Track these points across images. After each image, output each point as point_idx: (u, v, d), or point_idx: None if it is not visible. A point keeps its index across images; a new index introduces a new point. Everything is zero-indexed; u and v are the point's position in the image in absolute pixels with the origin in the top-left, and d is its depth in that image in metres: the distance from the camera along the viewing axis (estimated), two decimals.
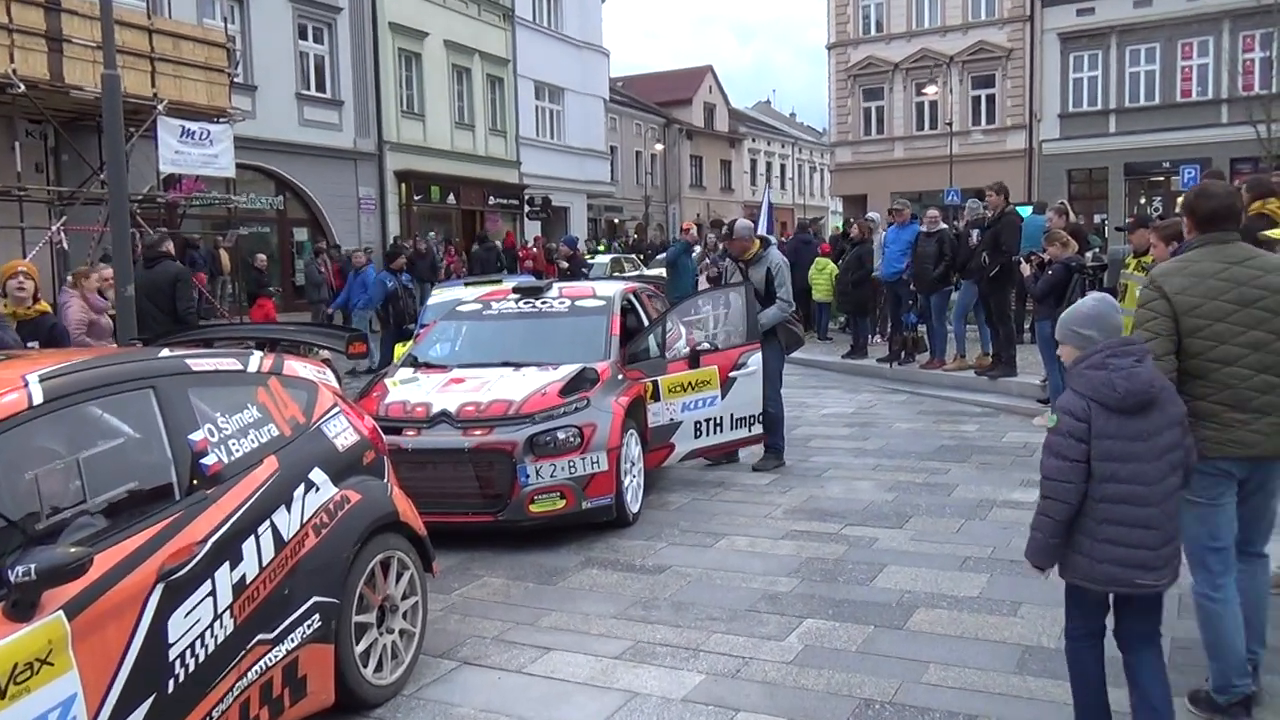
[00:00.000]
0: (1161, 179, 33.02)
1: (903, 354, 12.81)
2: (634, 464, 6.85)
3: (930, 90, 35.09)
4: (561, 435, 6.29)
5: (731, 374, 7.64)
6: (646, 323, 7.86)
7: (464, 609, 5.36)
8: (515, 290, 7.92)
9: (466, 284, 10.27)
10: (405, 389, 6.80)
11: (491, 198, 30.71)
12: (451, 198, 29.17)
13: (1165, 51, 31.73)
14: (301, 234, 24.69)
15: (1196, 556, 3.77)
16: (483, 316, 7.79)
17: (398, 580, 4.41)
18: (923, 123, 36.36)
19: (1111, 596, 3.44)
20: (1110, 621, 3.50)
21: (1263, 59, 30.06)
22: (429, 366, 7.28)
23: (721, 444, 7.76)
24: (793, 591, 5.39)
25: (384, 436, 6.28)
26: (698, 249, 14.66)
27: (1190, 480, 3.55)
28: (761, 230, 14.99)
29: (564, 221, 34.80)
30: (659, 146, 48.16)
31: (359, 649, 4.12)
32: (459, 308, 8.03)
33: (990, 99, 35.18)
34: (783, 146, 62.34)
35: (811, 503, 7.12)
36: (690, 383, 7.45)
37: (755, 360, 7.76)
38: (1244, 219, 6.83)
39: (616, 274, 23.43)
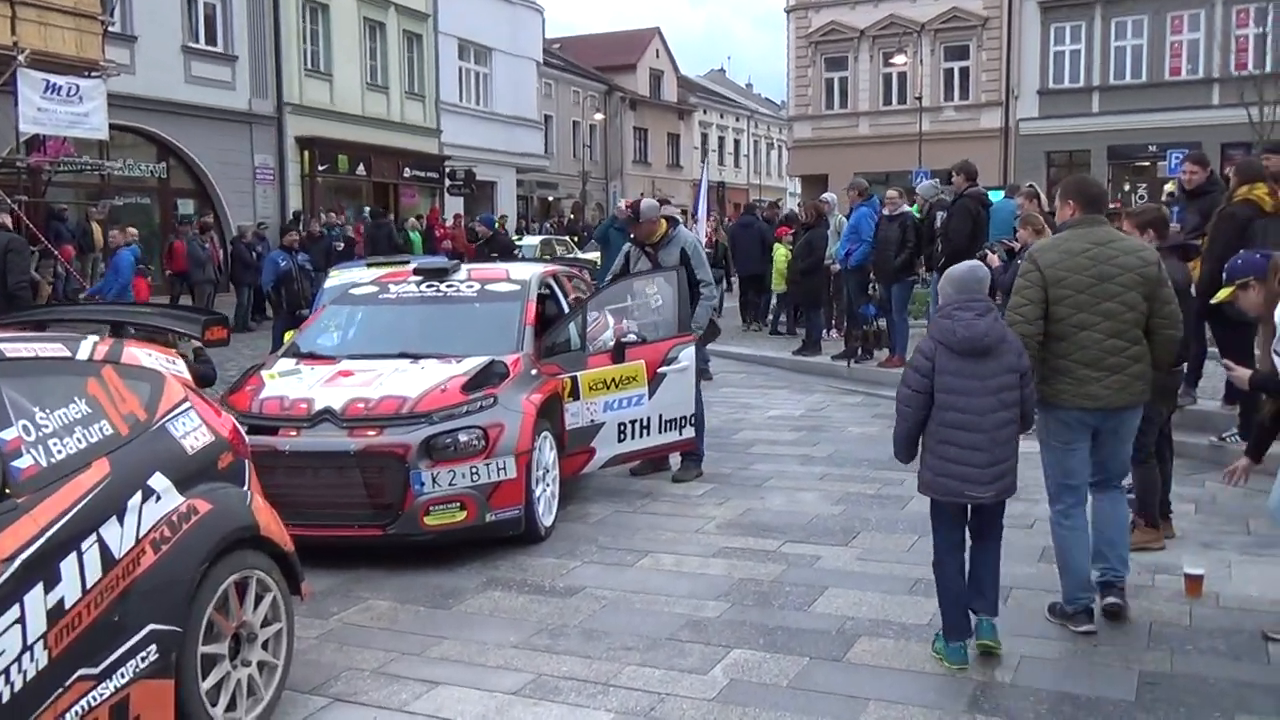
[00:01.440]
0: (1147, 163, 33.64)
1: (859, 350, 12.81)
2: (548, 471, 6.70)
3: (899, 61, 35.42)
4: (463, 437, 6.12)
5: (661, 370, 7.52)
6: (568, 311, 7.70)
7: (342, 636, 5.17)
8: (417, 272, 7.72)
9: (369, 264, 10.04)
10: (284, 382, 6.58)
11: (408, 170, 30.37)
12: (362, 169, 28.79)
13: (1153, 25, 32.36)
14: (187, 206, 24.16)
15: (1052, 490, 5.00)
16: (378, 301, 7.59)
17: (257, 604, 4.21)
18: (890, 97, 36.71)
19: (969, 509, 4.68)
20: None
21: (1257, 35, 30.79)
22: (314, 357, 7.06)
23: (648, 449, 7.64)
24: (720, 617, 5.28)
25: (258, 437, 6.13)
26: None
27: (1046, 427, 4.88)
28: (701, 213, 15.02)
29: (491, 198, 34.56)
30: (599, 116, 48.05)
31: (206, 685, 3.91)
32: (352, 291, 7.82)
33: (964, 72, 35.62)
34: (737, 120, 62.58)
35: (749, 516, 7.03)
36: (614, 379, 7.32)
37: (688, 355, 7.65)
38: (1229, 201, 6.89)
39: (547, 257, 23.24)
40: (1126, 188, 33.43)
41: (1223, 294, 5.06)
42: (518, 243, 25.39)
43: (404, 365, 6.68)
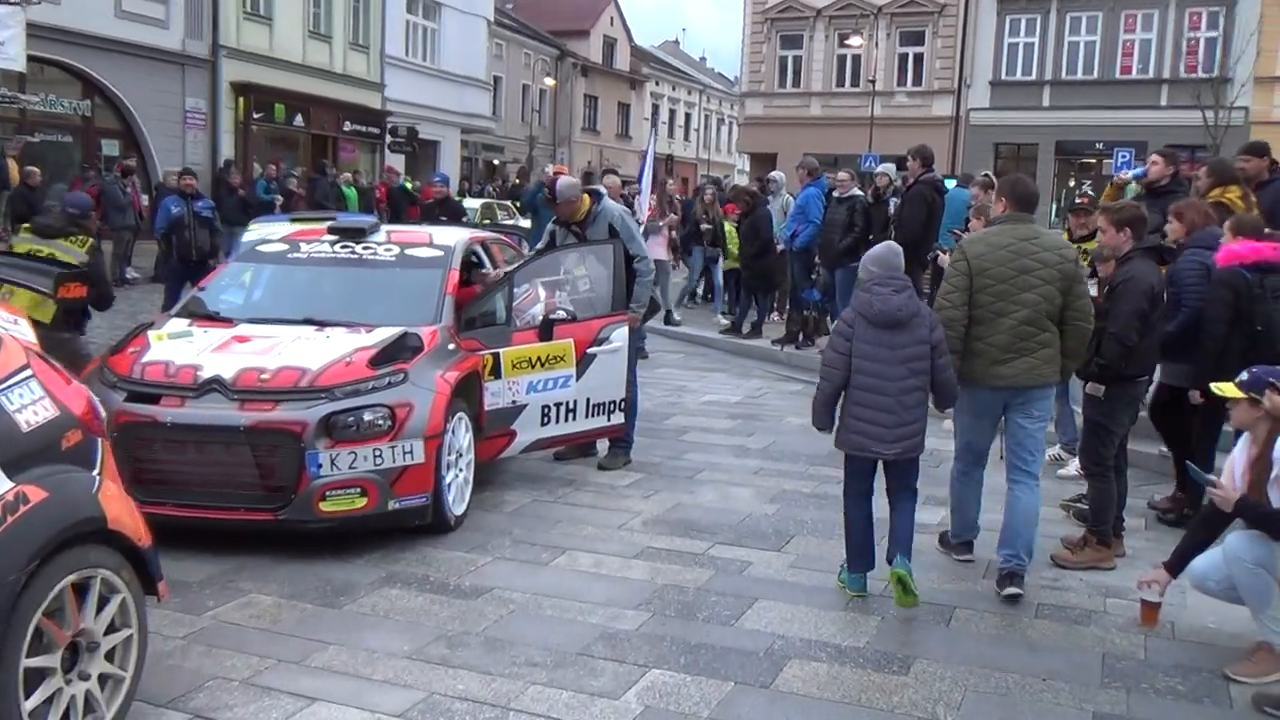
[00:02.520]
0: (1093, 160, 33.65)
1: (800, 336, 12.37)
2: (461, 455, 6.15)
3: (854, 42, 34.99)
4: (367, 416, 5.54)
5: (591, 350, 6.98)
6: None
7: (213, 637, 4.59)
8: (332, 231, 7.08)
9: (293, 219, 9.37)
10: (172, 345, 5.93)
11: (348, 123, 29.39)
12: (300, 120, 27.77)
13: (1107, 22, 32.23)
14: (112, 148, 23.03)
15: (959, 449, 5.66)
16: (287, 260, 6.95)
17: (100, 608, 3.62)
18: (844, 78, 36.27)
19: (881, 463, 5.19)
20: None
21: (1209, 39, 30.81)
22: (210, 319, 6.42)
23: (573, 434, 7.10)
24: (639, 630, 4.78)
25: (137, 405, 5.51)
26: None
27: (961, 398, 5.31)
28: (645, 184, 14.40)
29: (433, 158, 33.62)
30: (549, 81, 47.13)
31: (30, 703, 3.33)
32: (259, 247, 7.16)
33: (918, 58, 35.28)
34: (689, 93, 61.89)
35: (677, 512, 6.53)
36: (539, 358, 6.76)
37: (620, 335, 7.12)
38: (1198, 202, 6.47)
39: (487, 221, 22.50)
40: (1072, 183, 33.39)
41: (1229, 392, 4.57)
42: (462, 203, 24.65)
43: (308, 333, 6.06)
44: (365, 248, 6.89)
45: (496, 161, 43.00)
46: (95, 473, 3.73)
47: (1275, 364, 4.76)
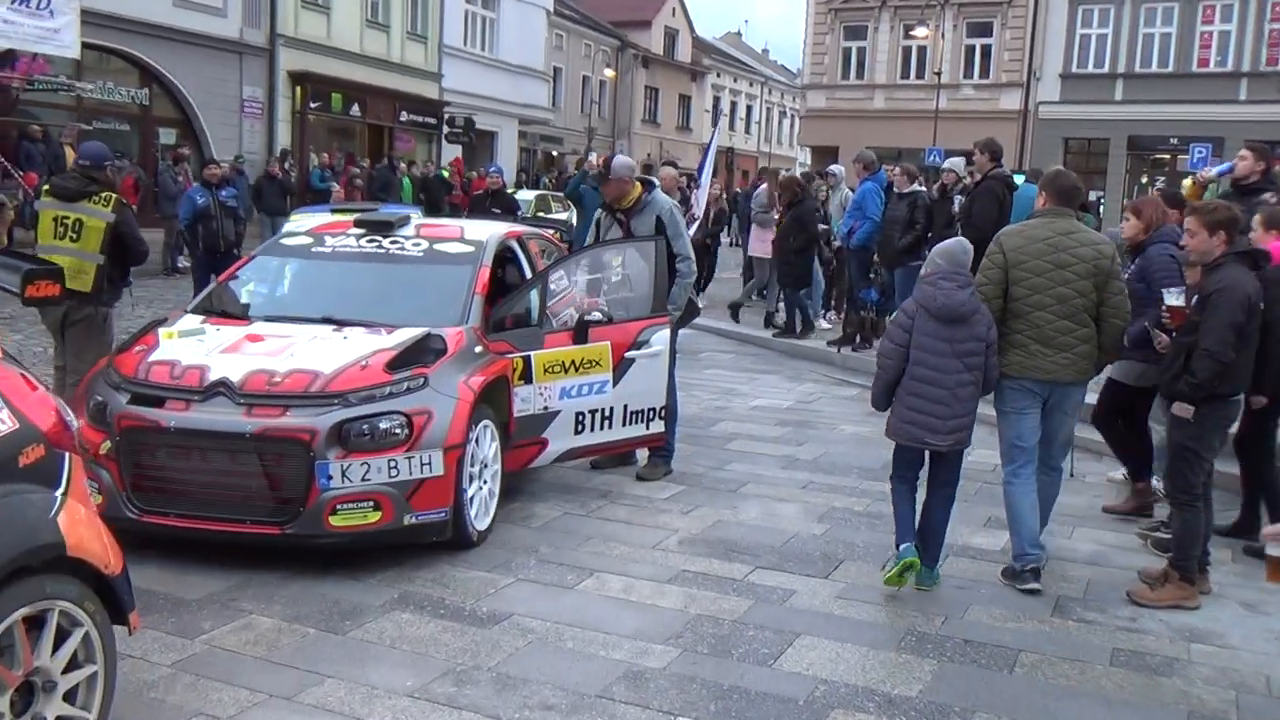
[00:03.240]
0: (1167, 156, 32.55)
1: (858, 338, 11.81)
2: (486, 466, 5.74)
3: (920, 33, 34.12)
4: (383, 424, 5.14)
5: (629, 354, 6.53)
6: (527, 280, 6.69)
7: (203, 665, 4.21)
8: (359, 224, 6.70)
9: (334, 209, 9.06)
10: (181, 344, 5.59)
11: (405, 114, 29.21)
12: (356, 109, 27.62)
13: (1184, 13, 31.05)
14: (170, 137, 23.00)
15: (1005, 451, 5.44)
16: (310, 255, 6.57)
17: (59, 644, 3.25)
18: (908, 70, 35.44)
19: (927, 454, 5.25)
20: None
21: None
22: (225, 315, 6.07)
23: (609, 443, 6.66)
24: (667, 669, 4.33)
25: (140, 408, 5.17)
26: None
27: (1001, 394, 5.32)
28: (705, 178, 13.89)
29: (491, 149, 33.40)
30: (609, 72, 46.70)
31: None
32: (283, 240, 6.80)
33: (985, 50, 34.34)
34: (750, 85, 61.19)
35: (718, 530, 6.07)
36: (573, 362, 6.32)
37: (661, 338, 6.65)
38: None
39: (540, 215, 22.15)
40: (1144, 180, 32.29)
41: None
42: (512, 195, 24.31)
43: (325, 333, 5.68)
44: (393, 242, 6.50)
45: (555, 153, 42.69)
46: (58, 493, 3.35)
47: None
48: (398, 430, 5.17)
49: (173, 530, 5.15)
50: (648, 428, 6.73)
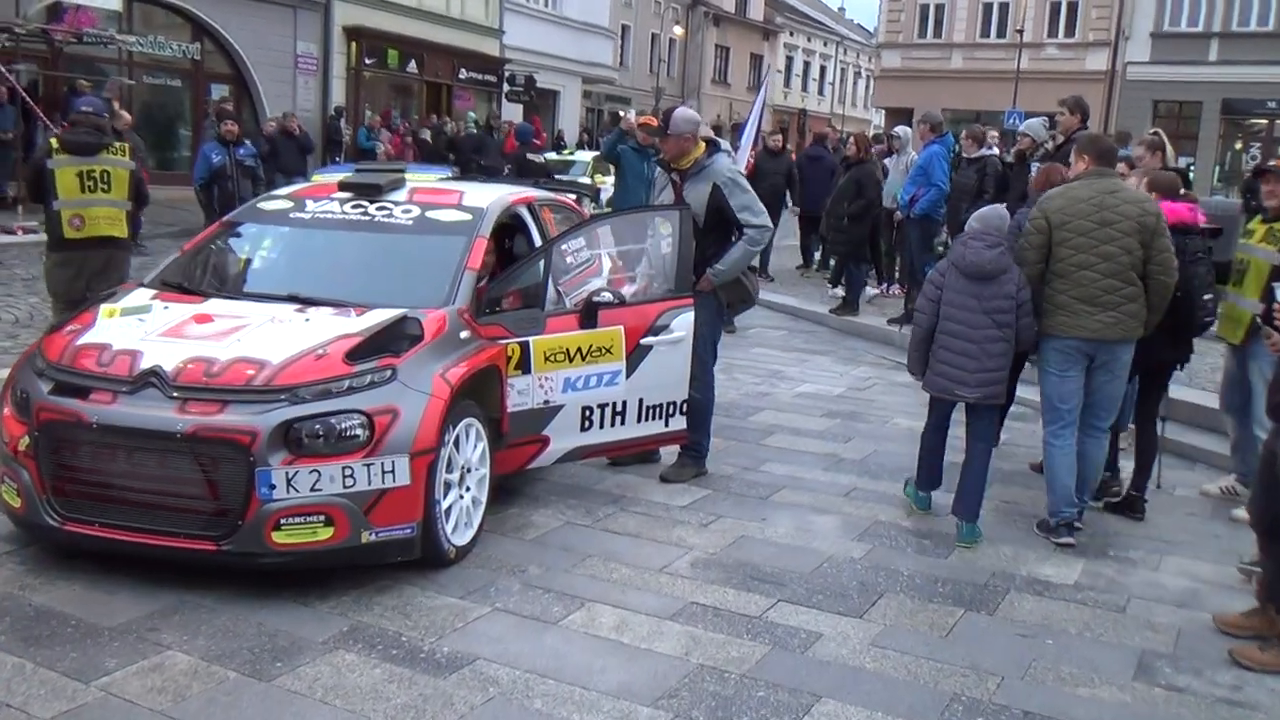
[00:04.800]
0: (1263, 121, 30.69)
1: None
2: (471, 470, 4.94)
3: None
4: (338, 425, 4.36)
5: (645, 340, 5.67)
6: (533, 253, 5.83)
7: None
8: (344, 187, 5.90)
9: (358, 169, 8.34)
10: (119, 324, 4.84)
11: (464, 71, 28.42)
12: (413, 66, 26.88)
13: None
14: (221, 92, 22.47)
15: (1046, 411, 5.47)
16: (287, 221, 5.78)
17: None
18: (989, 29, 33.89)
19: (964, 407, 5.53)
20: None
21: None
22: (181, 290, 5.31)
23: (621, 442, 5.82)
24: None
25: (62, 399, 4.45)
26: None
27: (1045, 355, 5.44)
28: (746, 140, 12.84)
29: (552, 108, 32.55)
30: (679, 30, 45.50)
31: None
32: (261, 204, 6.03)
33: (1072, 7, 32.69)
34: (825, 45, 59.50)
35: (740, 549, 5.21)
36: (580, 349, 5.49)
37: (684, 323, 5.79)
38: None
39: (596, 176, 21.23)
40: (1238, 146, 30.47)
41: None
42: (569, 156, 23.42)
43: (285, 314, 4.90)
44: (380, 208, 5.68)
45: (621, 113, 41.66)
46: None
47: (1191, 326, 5.63)
48: (356, 432, 4.38)
49: (97, 542, 4.43)
50: (667, 424, 5.88)
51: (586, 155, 25.03)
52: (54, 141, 6.83)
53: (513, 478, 5.66)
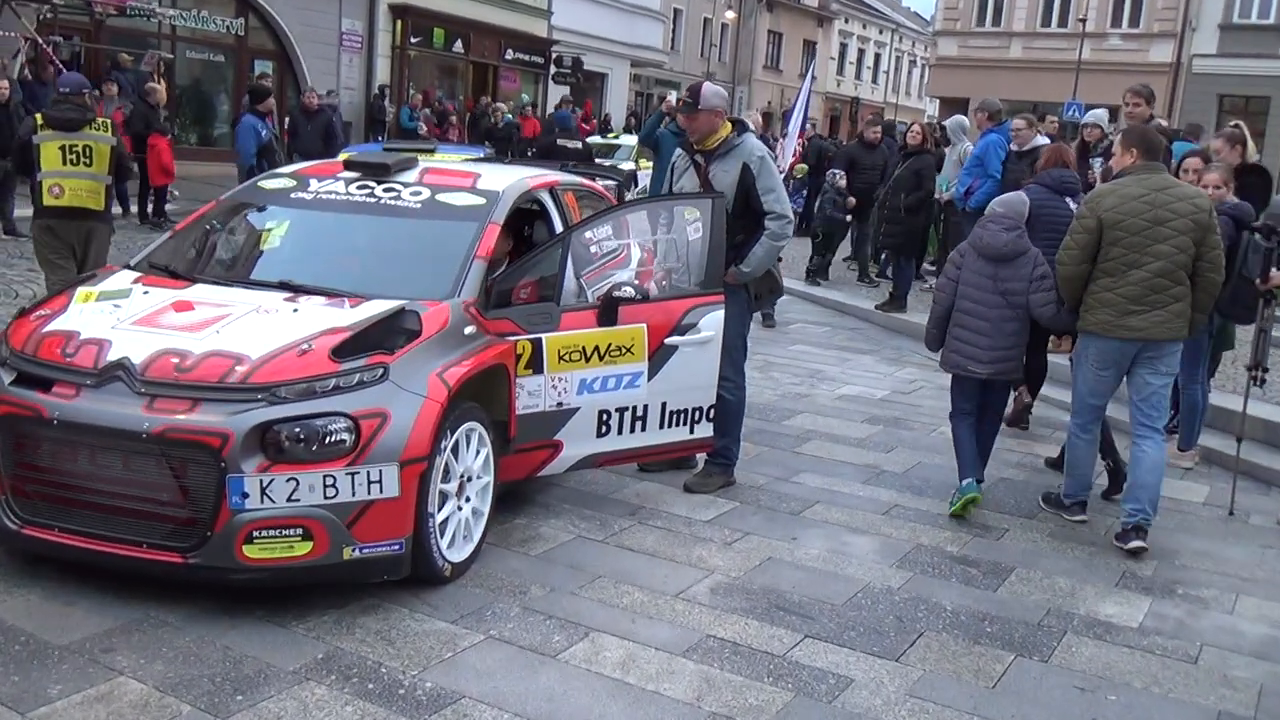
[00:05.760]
0: None
1: None
2: (471, 479, 4.50)
3: None
4: (321, 428, 3.93)
5: (670, 340, 5.20)
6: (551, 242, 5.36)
7: None
8: (349, 165, 5.47)
9: (386, 147, 7.94)
10: (92, 310, 4.44)
11: (510, 51, 27.95)
12: (459, 46, 26.45)
13: None
14: (265, 68, 22.21)
15: (1077, 404, 5.53)
16: (287, 202, 5.35)
17: None
18: (1050, 17, 32.91)
19: (980, 385, 5.68)
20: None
21: None
22: (167, 273, 4.90)
23: (641, 449, 5.35)
24: None
25: (23, 391, 4.06)
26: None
27: (1084, 349, 5.39)
28: (793, 127, 12.28)
29: (600, 91, 32.05)
30: (731, 15, 44.78)
31: None
32: (262, 183, 5.60)
33: None
34: (880, 32, 58.42)
35: (766, 573, 4.73)
36: (597, 348, 5.02)
37: (713, 322, 5.30)
38: None
39: (640, 160, 20.71)
40: None
41: None
42: (614, 140, 22.91)
43: (272, 303, 4.47)
44: (387, 190, 5.23)
45: (670, 97, 41.09)
46: None
47: None
48: (340, 437, 3.94)
49: (56, 548, 4.04)
50: (692, 431, 5.40)
51: (632, 139, 24.56)
52: (39, 117, 7.01)
53: (527, 482, 5.22)
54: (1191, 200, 5.14)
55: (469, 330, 4.56)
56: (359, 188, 5.27)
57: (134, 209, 13.48)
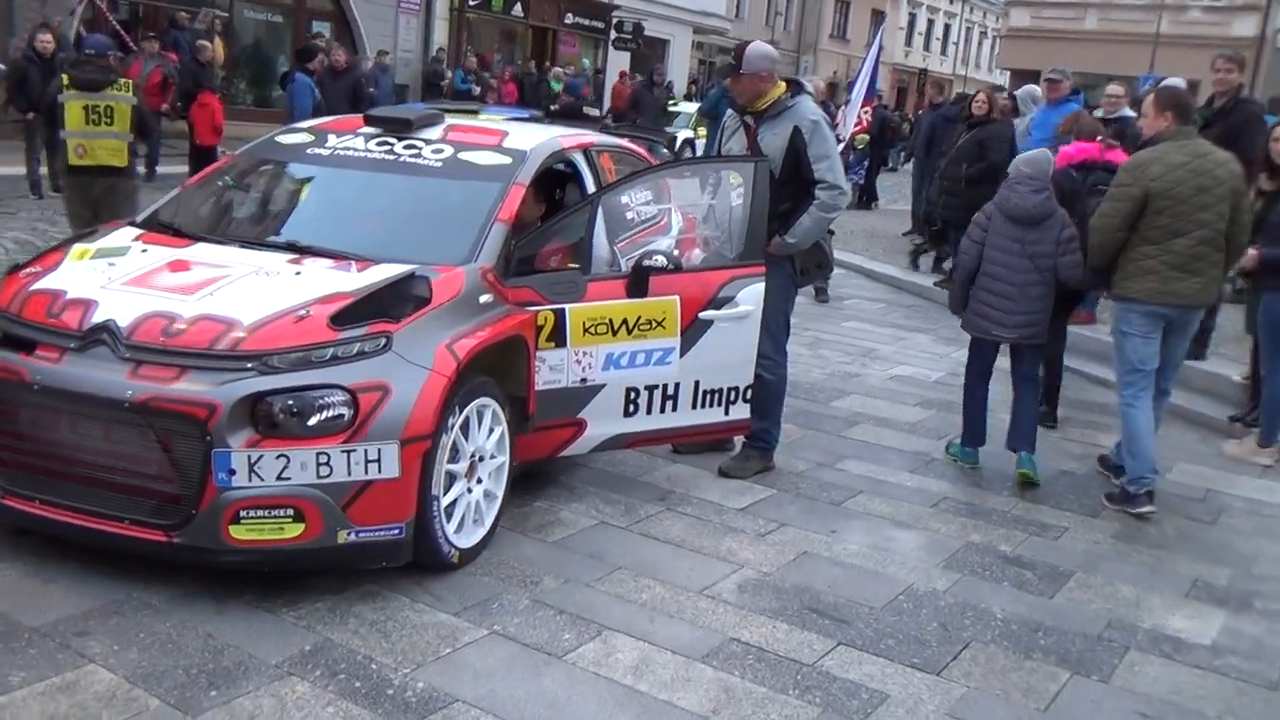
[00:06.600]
0: None
1: None
2: (483, 459, 4.17)
3: None
4: (315, 400, 3.62)
5: (705, 314, 4.82)
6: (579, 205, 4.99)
7: None
8: (370, 121, 5.13)
9: (431, 107, 7.62)
10: (84, 268, 4.16)
11: (570, 16, 27.52)
12: (518, 9, 26.06)
13: None
14: (323, 29, 21.96)
15: (1125, 374, 5.36)
16: (304, 157, 5.04)
17: None
18: None
19: (1008, 348, 5.62)
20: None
21: None
22: (171, 230, 4.61)
23: (672, 431, 4.98)
24: None
25: (5, 354, 3.80)
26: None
27: (1128, 319, 5.25)
28: (856, 95, 11.73)
29: (661, 57, 31.45)
30: None
31: None
32: (279, 138, 5.28)
33: None
34: (950, 2, 57.01)
35: (799, 569, 4.36)
36: (626, 321, 4.65)
37: (752, 295, 4.91)
38: None
39: (699, 129, 20.21)
40: None
41: None
42: (674, 108, 22.42)
43: (275, 264, 4.16)
44: (408, 147, 4.90)
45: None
46: None
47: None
48: (337, 411, 3.63)
49: (37, 521, 3.78)
50: (727, 413, 5.03)
51: (691, 107, 24.06)
52: (65, 78, 7.28)
53: (545, 463, 4.89)
54: (1227, 166, 5.10)
55: (485, 299, 4.22)
56: (378, 144, 4.94)
57: (160, 169, 13.32)
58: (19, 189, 11.48)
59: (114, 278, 4.02)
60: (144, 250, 4.30)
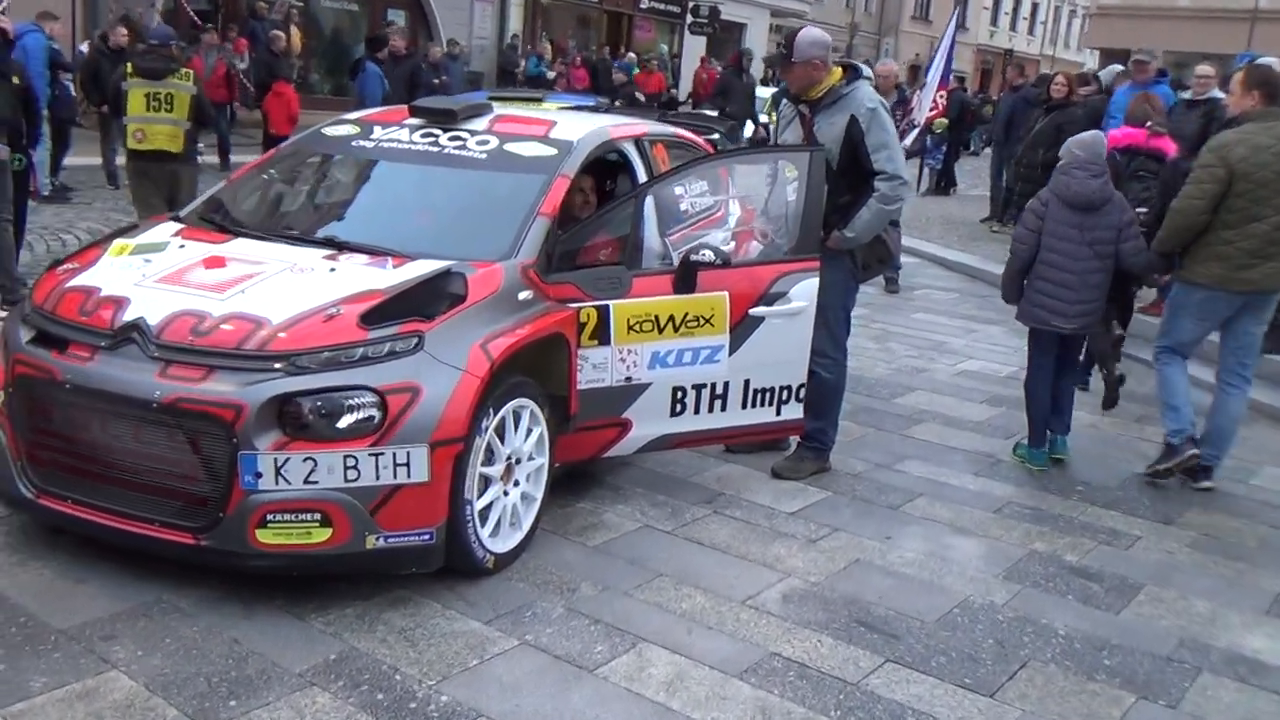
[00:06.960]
0: None
1: None
2: (520, 461, 4.05)
3: None
4: (345, 400, 3.52)
5: (755, 310, 4.63)
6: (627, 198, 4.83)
7: None
8: (415, 112, 5.02)
9: (491, 97, 7.53)
10: (121, 264, 4.11)
11: (645, 1, 27.25)
12: None
13: None
14: (398, 17, 22.09)
15: (1162, 342, 5.40)
16: (349, 149, 4.95)
17: None
18: None
19: (1060, 343, 5.44)
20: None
21: None
22: (213, 226, 4.55)
23: (721, 431, 4.81)
24: None
25: (38, 351, 3.78)
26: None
27: (1188, 297, 5.23)
28: (932, 78, 11.35)
29: (737, 42, 31.03)
30: None
31: None
32: (325, 130, 5.20)
33: None
34: None
35: (850, 579, 4.16)
36: (672, 318, 4.49)
37: (806, 291, 4.71)
38: None
39: (773, 114, 19.88)
40: None
41: None
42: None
43: (310, 260, 4.07)
44: (453, 139, 4.78)
45: None
46: None
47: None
48: (366, 413, 3.53)
49: (70, 521, 3.75)
50: (779, 413, 4.84)
51: (766, 91, 23.72)
52: (128, 66, 7.60)
53: (591, 464, 4.75)
54: None
55: (524, 295, 4.09)
56: (423, 135, 4.83)
57: (234, 158, 13.46)
58: (96, 179, 11.71)
59: (148, 274, 3.96)
60: (181, 246, 4.24)
